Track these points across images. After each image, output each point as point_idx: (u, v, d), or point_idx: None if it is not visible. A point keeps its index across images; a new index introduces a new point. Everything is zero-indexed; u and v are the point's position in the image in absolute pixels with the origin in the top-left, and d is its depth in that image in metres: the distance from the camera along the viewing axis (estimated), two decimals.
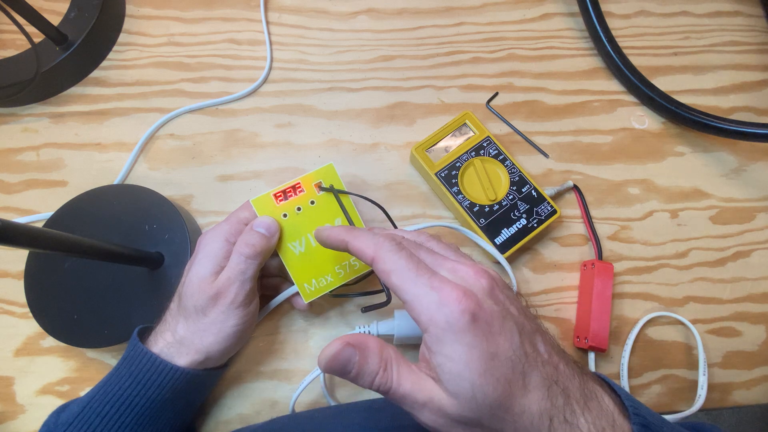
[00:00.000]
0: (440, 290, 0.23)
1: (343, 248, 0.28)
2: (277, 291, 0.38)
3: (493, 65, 0.50)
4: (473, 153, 0.43)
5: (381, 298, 0.41)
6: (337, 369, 0.24)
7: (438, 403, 0.22)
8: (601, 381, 0.26)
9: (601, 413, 0.23)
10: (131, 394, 0.31)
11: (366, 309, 0.29)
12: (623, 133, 0.48)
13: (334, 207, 0.36)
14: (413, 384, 0.23)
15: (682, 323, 0.42)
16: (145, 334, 0.34)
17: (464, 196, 0.42)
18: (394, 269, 0.24)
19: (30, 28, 0.42)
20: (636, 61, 0.48)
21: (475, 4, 0.52)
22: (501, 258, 0.40)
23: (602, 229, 0.44)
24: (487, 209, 0.42)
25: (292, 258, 0.36)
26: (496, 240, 0.41)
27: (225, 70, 0.49)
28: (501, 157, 0.43)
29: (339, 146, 0.46)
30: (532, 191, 0.42)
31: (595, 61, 0.50)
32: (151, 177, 0.45)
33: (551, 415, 0.22)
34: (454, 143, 0.44)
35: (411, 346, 0.40)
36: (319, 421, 0.33)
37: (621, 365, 0.40)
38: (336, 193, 0.36)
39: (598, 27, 0.48)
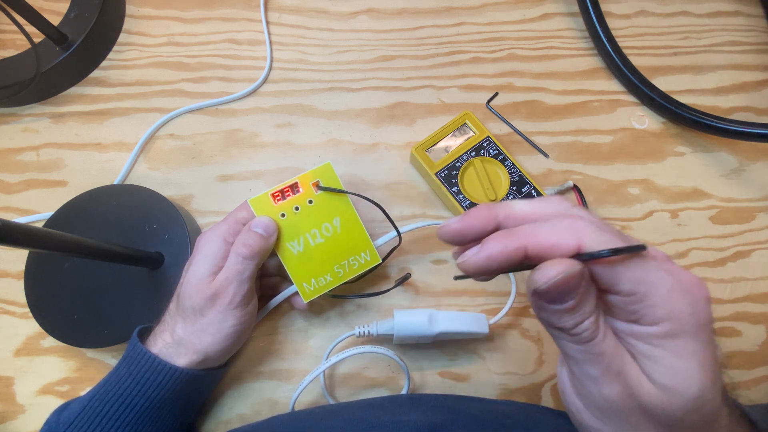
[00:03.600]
0: (676, 274, 0.19)
1: (519, 259, 0.19)
2: (276, 291, 0.38)
3: (493, 65, 0.50)
4: (473, 153, 0.43)
5: (381, 297, 0.41)
6: (559, 293, 0.18)
7: (635, 383, 0.19)
8: None
9: None
10: (131, 393, 0.31)
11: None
12: (623, 133, 0.48)
13: (332, 206, 0.36)
14: (615, 348, 0.19)
15: None
16: (144, 334, 0.34)
17: (464, 196, 0.42)
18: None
19: (30, 28, 0.42)
20: (636, 61, 0.48)
21: (475, 4, 0.52)
22: None
23: None
24: None
25: (291, 258, 0.36)
26: None
27: (225, 70, 0.49)
28: (501, 157, 0.43)
29: (339, 146, 0.46)
30: (532, 191, 0.42)
31: (595, 61, 0.50)
32: (151, 177, 0.45)
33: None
34: (454, 143, 0.44)
35: (411, 346, 0.40)
36: (319, 418, 0.33)
37: None
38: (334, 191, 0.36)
39: (598, 27, 0.48)
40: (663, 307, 0.18)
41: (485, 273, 0.20)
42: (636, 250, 0.18)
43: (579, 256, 0.18)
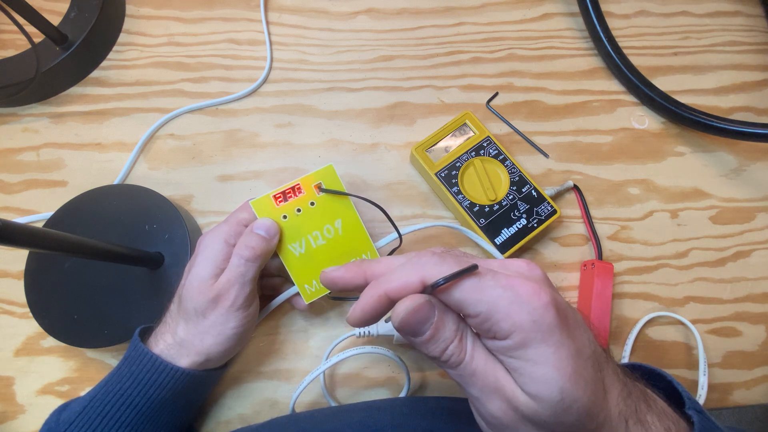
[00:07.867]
0: (514, 287, 0.19)
1: (386, 302, 0.21)
2: (277, 291, 0.38)
3: (493, 65, 0.50)
4: (473, 153, 0.43)
5: None
6: (412, 326, 0.20)
7: (511, 395, 0.20)
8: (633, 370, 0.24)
9: (661, 411, 0.21)
10: (132, 393, 0.31)
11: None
12: (623, 133, 0.48)
13: (334, 208, 0.36)
14: (486, 364, 0.20)
15: (682, 323, 0.42)
16: (146, 334, 0.34)
17: (464, 196, 0.42)
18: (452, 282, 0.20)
19: (30, 28, 0.42)
20: (636, 61, 0.48)
21: (475, 4, 0.52)
22: (501, 258, 0.40)
23: (602, 229, 0.44)
24: (487, 209, 0.42)
25: (293, 259, 0.36)
26: (496, 240, 0.41)
27: (225, 70, 0.49)
28: (501, 157, 0.43)
29: (339, 146, 0.46)
30: (532, 191, 0.42)
31: (595, 61, 0.50)
32: (151, 177, 0.45)
33: (626, 417, 0.20)
34: (454, 143, 0.44)
35: (411, 346, 0.40)
36: (318, 420, 0.33)
37: None
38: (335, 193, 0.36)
39: (598, 27, 0.48)
40: (506, 321, 0.19)
41: (368, 323, 0.22)
42: (468, 272, 0.20)
43: (424, 289, 0.21)
